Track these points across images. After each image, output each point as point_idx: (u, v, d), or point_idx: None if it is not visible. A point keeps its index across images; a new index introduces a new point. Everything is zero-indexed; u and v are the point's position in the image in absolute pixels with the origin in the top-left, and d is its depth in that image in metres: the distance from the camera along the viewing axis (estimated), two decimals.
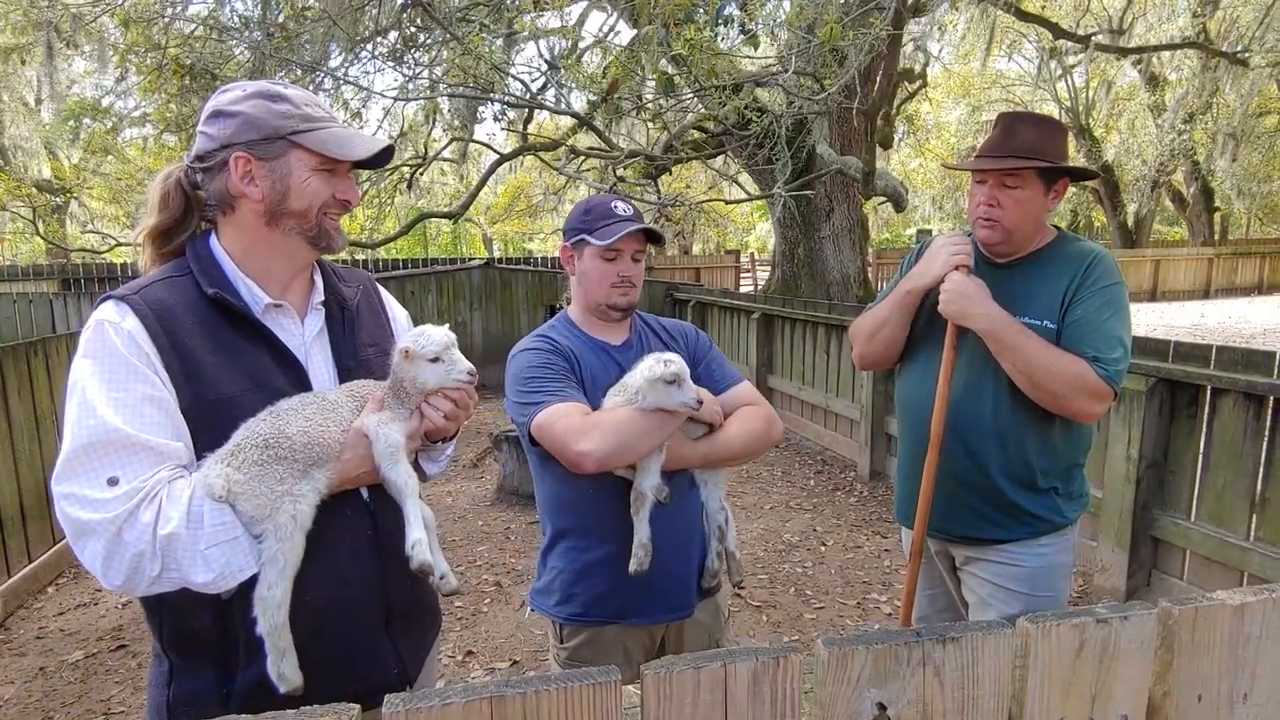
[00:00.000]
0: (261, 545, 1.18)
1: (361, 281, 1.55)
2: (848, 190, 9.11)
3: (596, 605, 1.75)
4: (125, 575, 1.13)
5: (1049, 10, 14.23)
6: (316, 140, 1.29)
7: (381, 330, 1.52)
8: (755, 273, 21.70)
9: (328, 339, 1.41)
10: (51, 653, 3.51)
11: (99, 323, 1.21)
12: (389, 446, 1.28)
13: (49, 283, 10.77)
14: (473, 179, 14.25)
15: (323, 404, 1.29)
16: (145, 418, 1.17)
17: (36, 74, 17.55)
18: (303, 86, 6.43)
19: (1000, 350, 1.84)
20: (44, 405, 4.35)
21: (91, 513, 1.11)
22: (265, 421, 1.23)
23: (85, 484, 1.13)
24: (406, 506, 1.29)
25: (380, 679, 1.37)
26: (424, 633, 1.52)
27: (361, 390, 1.36)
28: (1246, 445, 3.20)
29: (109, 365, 1.18)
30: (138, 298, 1.23)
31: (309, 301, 1.41)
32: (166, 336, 1.21)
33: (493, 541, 4.83)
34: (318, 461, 1.25)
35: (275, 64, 7.07)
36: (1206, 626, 0.88)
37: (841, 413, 6.39)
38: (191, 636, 1.25)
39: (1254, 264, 20.57)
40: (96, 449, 1.14)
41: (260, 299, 1.32)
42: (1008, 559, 1.96)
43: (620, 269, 1.77)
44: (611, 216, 1.75)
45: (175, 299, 1.25)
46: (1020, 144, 1.87)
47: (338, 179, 1.34)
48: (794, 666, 0.77)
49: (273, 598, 1.18)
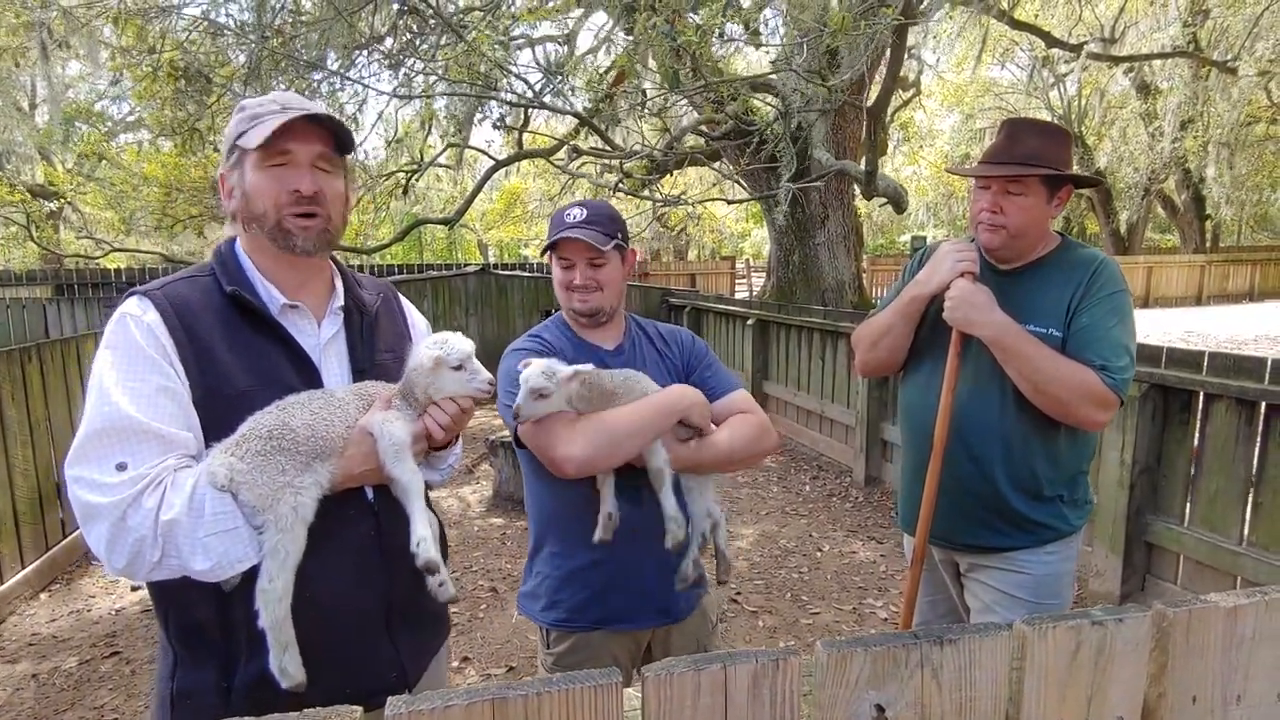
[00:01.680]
0: (263, 537, 1.19)
1: (382, 289, 1.57)
2: (842, 197, 9.15)
3: (581, 611, 1.75)
4: (127, 559, 1.16)
5: (1042, 19, 14.34)
6: (249, 137, 1.30)
7: (400, 338, 1.53)
8: (750, 279, 21.75)
9: (344, 342, 1.43)
10: (44, 659, 3.49)
11: (122, 315, 1.26)
12: (393, 444, 1.29)
13: (42, 288, 10.73)
14: (468, 185, 14.27)
15: (329, 400, 1.31)
16: (158, 407, 1.21)
17: (30, 78, 17.52)
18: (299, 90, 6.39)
19: (1006, 358, 1.84)
20: (38, 411, 4.33)
21: (99, 496, 1.15)
22: (271, 414, 1.25)
23: (95, 468, 1.16)
24: (411, 504, 1.29)
25: (379, 681, 1.37)
26: (429, 637, 1.51)
27: (370, 390, 1.37)
28: (1239, 450, 3.22)
29: (127, 356, 1.22)
30: (160, 293, 1.28)
31: (327, 305, 1.43)
32: (184, 330, 1.26)
33: (488, 547, 4.82)
34: (320, 455, 1.26)
35: (270, 68, 7.08)
36: (1200, 629, 0.89)
37: (837, 418, 6.40)
38: (194, 629, 1.27)
39: (1246, 271, 20.73)
40: (108, 434, 1.18)
41: (277, 299, 1.35)
42: (1013, 566, 1.96)
43: (571, 276, 1.76)
44: (560, 224, 1.73)
45: (196, 295, 1.30)
46: (1024, 151, 1.88)
47: (292, 170, 1.32)
48: (793, 669, 0.77)
49: (274, 590, 1.18)
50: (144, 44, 7.30)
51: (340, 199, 1.40)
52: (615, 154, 7.95)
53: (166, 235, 10.69)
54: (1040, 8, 14.32)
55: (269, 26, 7.08)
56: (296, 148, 1.31)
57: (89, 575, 4.42)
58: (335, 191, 1.38)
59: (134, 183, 10.18)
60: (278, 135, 1.28)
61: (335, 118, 1.36)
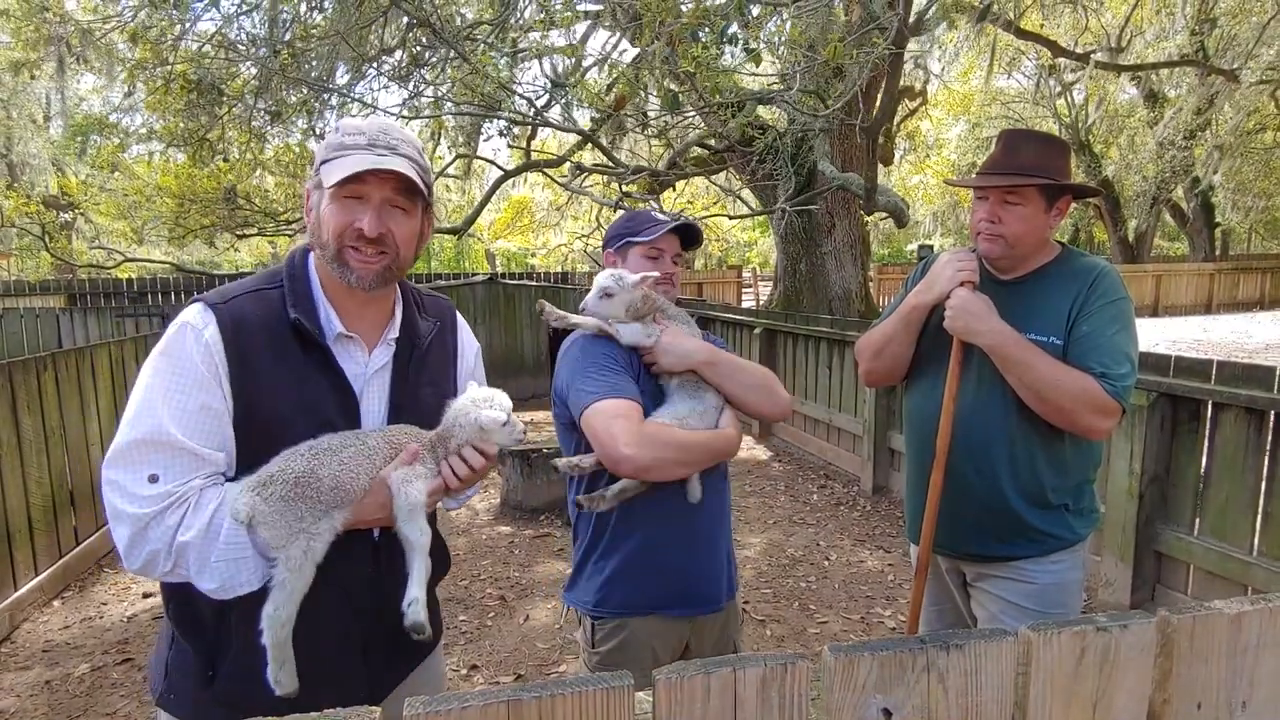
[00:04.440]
0: (272, 569, 1.24)
1: (442, 315, 1.56)
2: (849, 206, 9.17)
3: (633, 598, 1.78)
4: (142, 564, 1.23)
5: (1048, 29, 14.36)
6: (326, 168, 1.32)
7: (444, 370, 1.54)
8: (757, 288, 21.76)
9: (390, 375, 1.43)
10: (57, 666, 3.52)
11: (183, 325, 1.28)
12: (409, 504, 1.32)
13: (56, 298, 10.82)
14: (475, 195, 14.35)
15: (360, 448, 1.31)
16: (198, 425, 1.25)
17: (45, 91, 17.73)
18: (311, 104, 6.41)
19: (1007, 366, 1.84)
20: (52, 419, 4.38)
21: (128, 504, 1.20)
22: (303, 458, 1.26)
23: (130, 475, 1.21)
24: (413, 563, 1.32)
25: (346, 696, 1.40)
26: (410, 656, 1.52)
27: (401, 439, 1.37)
28: (1248, 460, 3.21)
29: (179, 368, 1.26)
30: (225, 307, 1.30)
31: (382, 333, 1.43)
32: (238, 351, 1.28)
33: (496, 555, 4.84)
34: (341, 505, 1.29)
35: (281, 81, 7.16)
36: (1205, 635, 0.90)
37: (844, 428, 6.40)
38: (192, 618, 1.32)
39: (1255, 279, 20.61)
40: (146, 446, 1.22)
41: (335, 326, 1.36)
42: (1019, 576, 1.95)
43: (663, 267, 1.87)
44: (653, 220, 1.89)
45: (257, 314, 1.31)
46: (1022, 161, 1.88)
47: (362, 207, 1.32)
48: (802, 673, 0.79)
49: (278, 617, 1.24)
50: (157, 57, 7.39)
51: (412, 238, 1.39)
52: (618, 170, 7.99)
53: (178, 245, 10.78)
54: (1046, 17, 14.34)
55: (279, 41, 7.17)
56: (370, 186, 1.31)
57: (101, 582, 4.45)
58: (406, 231, 1.37)
59: (147, 193, 10.28)
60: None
61: (414, 165, 1.34)
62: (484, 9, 8.52)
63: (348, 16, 6.90)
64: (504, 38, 7.09)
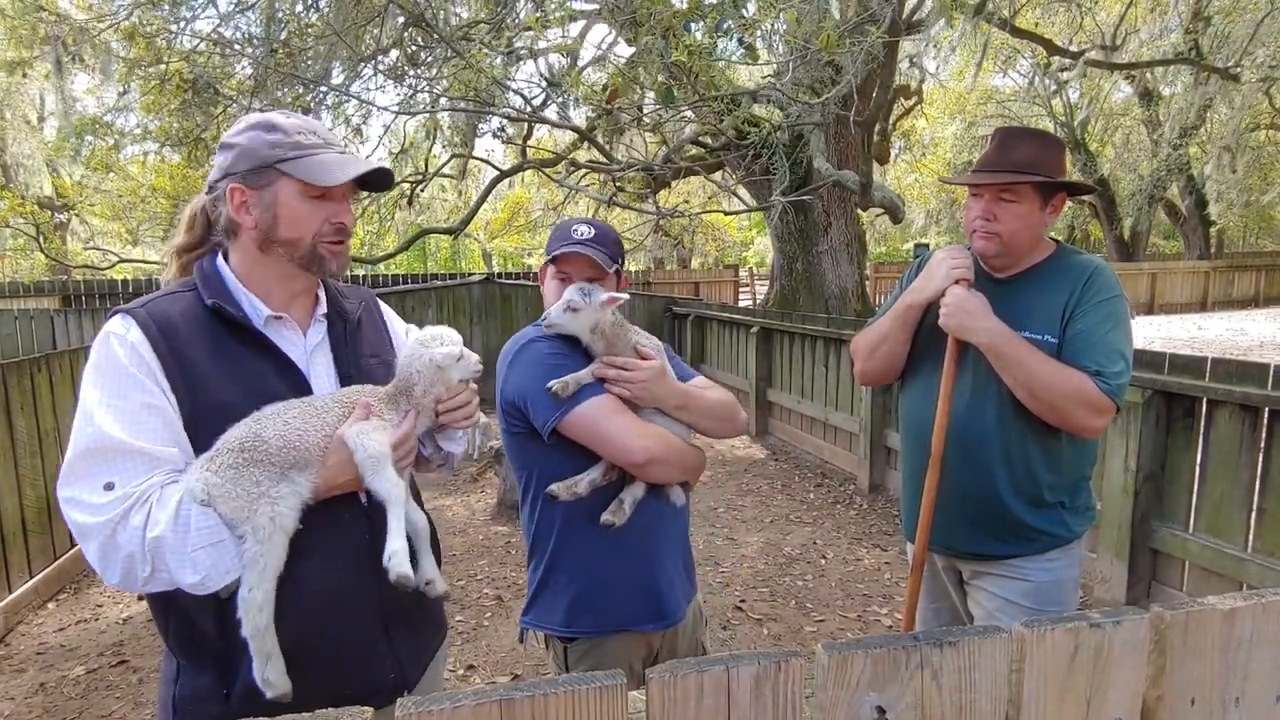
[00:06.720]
0: (243, 547, 1.21)
1: (363, 298, 1.61)
2: (845, 205, 9.18)
3: (605, 616, 1.74)
4: (121, 574, 1.19)
5: (1042, 27, 14.38)
6: (302, 168, 1.33)
7: (382, 343, 1.58)
8: (754, 287, 21.75)
9: (329, 348, 1.46)
10: (52, 668, 3.51)
11: (105, 335, 1.28)
12: (369, 456, 1.30)
13: (50, 299, 10.79)
14: (471, 195, 14.33)
15: (306, 408, 1.31)
16: (142, 425, 1.23)
17: (39, 91, 17.66)
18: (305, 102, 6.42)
19: (1001, 364, 1.84)
20: (46, 421, 4.36)
21: (89, 516, 1.18)
22: (244, 425, 1.25)
23: (84, 488, 1.19)
24: (389, 514, 1.30)
25: (378, 681, 1.39)
26: (428, 638, 1.53)
27: (352, 396, 1.38)
28: (1243, 457, 3.22)
29: (110, 375, 1.25)
30: (143, 311, 1.30)
31: (312, 315, 1.46)
32: (169, 346, 1.27)
33: (493, 555, 4.83)
34: (296, 465, 1.26)
35: (277, 80, 7.15)
36: (1198, 631, 0.90)
37: (841, 426, 6.41)
38: (194, 638, 1.29)
39: (1250, 277, 20.68)
40: (94, 455, 1.20)
41: (261, 311, 1.37)
42: (1015, 574, 1.95)
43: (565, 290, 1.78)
44: (566, 238, 1.75)
45: (178, 311, 1.32)
46: (1016, 159, 1.88)
47: (331, 204, 1.37)
48: (795, 671, 0.79)
49: (253, 599, 1.20)
50: (153, 55, 7.37)
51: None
52: (612, 167, 7.99)
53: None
54: (1041, 15, 14.37)
55: (275, 40, 7.15)
56: (345, 187, 1.39)
57: (96, 584, 4.43)
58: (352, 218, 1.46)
59: (141, 194, 10.26)
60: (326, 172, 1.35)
61: (390, 171, 1.46)
62: (480, 8, 8.51)
63: (344, 15, 6.89)
64: (500, 36, 7.08)
